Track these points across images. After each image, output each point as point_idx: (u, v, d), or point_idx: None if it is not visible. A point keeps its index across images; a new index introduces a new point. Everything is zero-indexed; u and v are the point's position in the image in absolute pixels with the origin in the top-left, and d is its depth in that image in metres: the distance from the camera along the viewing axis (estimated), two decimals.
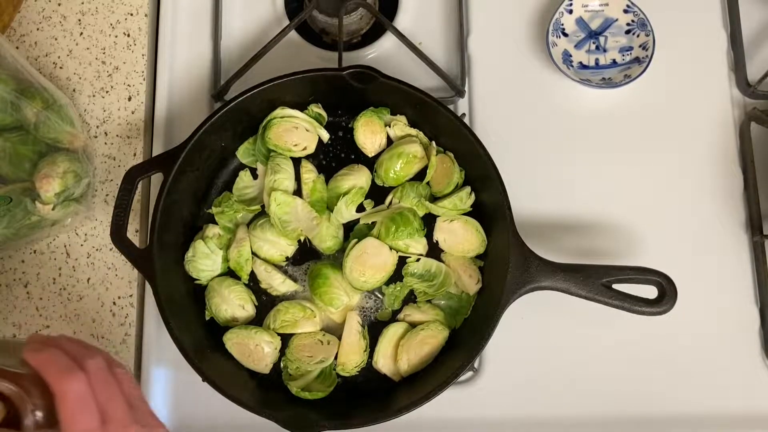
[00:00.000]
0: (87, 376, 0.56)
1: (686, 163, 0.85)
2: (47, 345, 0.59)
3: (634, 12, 0.87)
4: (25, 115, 0.78)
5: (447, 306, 0.79)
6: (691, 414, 0.78)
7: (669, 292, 0.70)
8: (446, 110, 0.77)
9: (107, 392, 0.57)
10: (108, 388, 0.58)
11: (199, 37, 0.90)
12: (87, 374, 0.56)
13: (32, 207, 0.77)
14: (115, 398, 0.58)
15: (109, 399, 0.57)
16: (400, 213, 0.78)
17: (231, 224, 0.81)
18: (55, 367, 0.56)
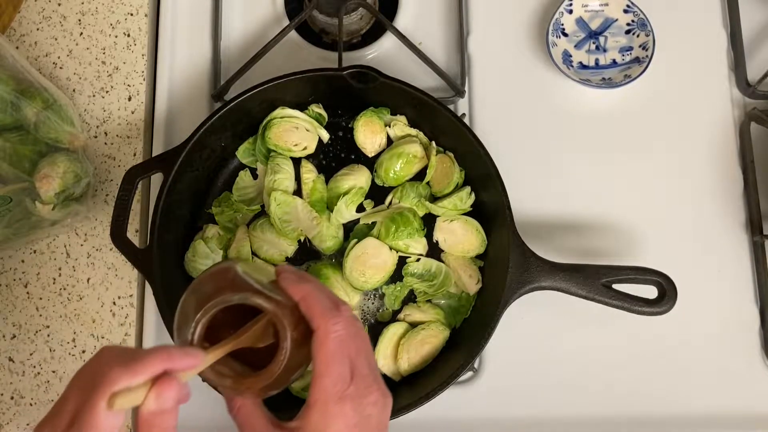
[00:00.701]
0: (345, 323, 0.54)
1: (686, 163, 0.85)
2: (303, 278, 0.57)
3: (634, 12, 0.87)
4: (25, 115, 0.78)
5: (447, 305, 0.79)
6: (691, 414, 0.78)
7: (669, 292, 0.70)
8: (446, 110, 0.77)
9: (356, 345, 0.55)
10: (356, 341, 0.56)
11: (199, 37, 0.90)
12: (345, 321, 0.54)
13: (32, 207, 0.77)
14: (360, 353, 0.56)
15: (357, 353, 0.55)
16: (400, 213, 0.78)
17: (231, 224, 0.81)
18: (320, 304, 0.55)
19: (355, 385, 0.54)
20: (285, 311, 0.54)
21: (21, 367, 0.81)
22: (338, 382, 0.53)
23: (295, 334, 0.54)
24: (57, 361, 0.81)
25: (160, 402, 0.48)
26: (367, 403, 0.54)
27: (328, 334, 0.53)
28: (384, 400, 0.56)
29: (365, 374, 0.55)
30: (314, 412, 0.53)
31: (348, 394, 0.53)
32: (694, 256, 0.82)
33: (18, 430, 0.80)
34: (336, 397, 0.53)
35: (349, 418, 0.53)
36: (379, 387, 0.56)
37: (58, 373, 0.81)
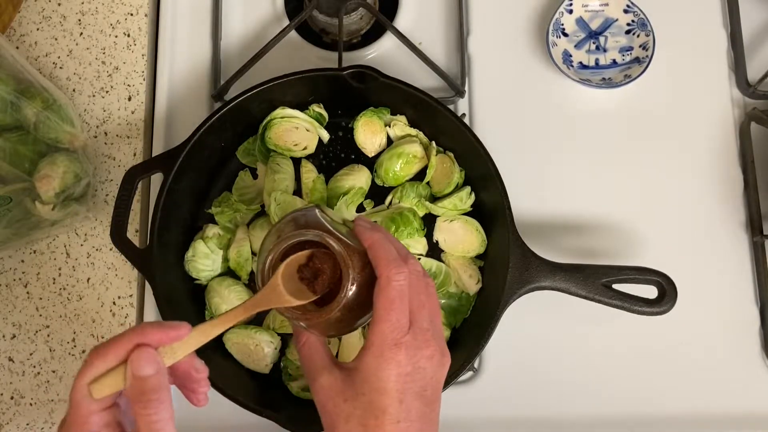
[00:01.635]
0: (409, 274, 0.56)
1: (686, 163, 0.85)
2: (376, 228, 0.59)
3: (634, 12, 0.87)
4: (25, 115, 0.78)
5: (447, 305, 0.79)
6: (691, 414, 0.78)
7: (669, 292, 0.70)
8: (446, 110, 0.77)
9: (419, 299, 0.57)
10: (420, 295, 0.57)
11: (199, 37, 0.90)
12: (409, 272, 0.56)
13: (32, 207, 0.77)
14: (423, 307, 0.57)
15: (420, 306, 0.56)
16: (400, 213, 0.78)
17: (231, 224, 0.81)
18: (386, 253, 0.56)
19: (413, 335, 0.55)
20: (353, 254, 0.57)
21: (21, 367, 0.81)
22: (395, 329, 0.54)
23: (359, 276, 0.57)
24: (57, 361, 0.81)
25: (136, 370, 0.48)
26: (422, 355, 0.55)
27: (390, 281, 0.55)
28: (441, 358, 0.56)
29: (425, 328, 0.56)
30: (369, 354, 0.54)
31: (404, 341, 0.54)
32: (694, 256, 0.82)
33: (18, 430, 0.80)
34: (392, 343, 0.54)
35: (402, 366, 0.54)
36: (438, 344, 0.57)
37: (58, 373, 0.81)
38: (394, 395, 0.53)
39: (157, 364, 0.48)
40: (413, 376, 0.54)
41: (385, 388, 0.53)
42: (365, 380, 0.54)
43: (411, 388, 0.54)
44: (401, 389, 0.54)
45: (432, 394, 0.56)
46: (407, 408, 0.54)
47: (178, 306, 0.76)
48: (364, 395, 0.54)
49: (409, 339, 0.55)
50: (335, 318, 0.58)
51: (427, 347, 0.55)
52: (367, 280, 0.57)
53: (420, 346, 0.55)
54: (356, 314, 0.59)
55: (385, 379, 0.53)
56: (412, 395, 0.54)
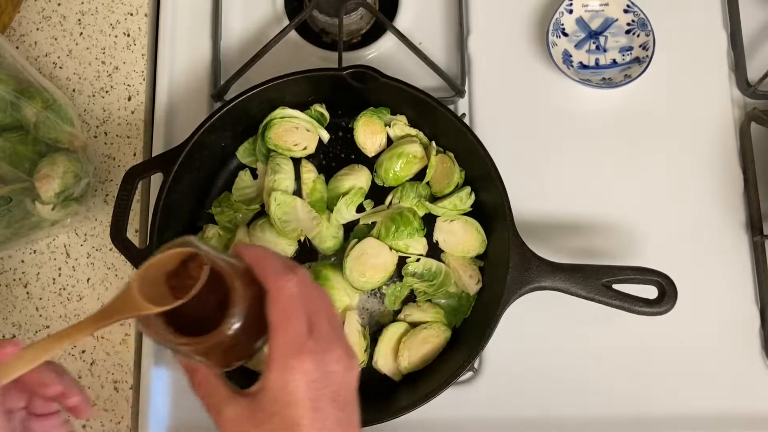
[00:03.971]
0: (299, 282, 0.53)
1: (686, 163, 0.85)
2: (258, 246, 0.57)
3: (634, 12, 0.87)
4: (25, 115, 0.78)
5: (447, 305, 0.79)
6: (691, 414, 0.78)
7: (669, 292, 0.70)
8: (446, 110, 0.77)
9: (314, 304, 0.54)
10: (314, 300, 0.54)
11: (199, 37, 0.90)
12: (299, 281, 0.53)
13: (32, 207, 0.77)
14: (320, 312, 0.54)
15: (317, 311, 0.54)
16: (400, 213, 0.78)
17: (231, 224, 0.81)
18: (272, 264, 0.54)
19: (315, 341, 0.52)
20: (236, 272, 0.53)
21: None
22: (295, 337, 0.52)
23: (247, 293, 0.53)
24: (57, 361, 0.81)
25: None
26: (329, 359, 0.52)
27: (280, 290, 0.52)
28: (348, 360, 0.54)
29: (326, 332, 0.53)
30: (273, 370, 0.51)
31: (307, 348, 0.51)
32: (694, 256, 0.82)
33: None
34: (293, 352, 0.51)
35: (309, 373, 0.51)
36: (343, 346, 0.54)
37: None
38: (306, 404, 0.51)
39: None
40: (323, 381, 0.52)
41: (296, 400, 0.50)
42: (274, 399, 0.51)
43: (324, 394, 0.51)
44: (313, 397, 0.51)
45: (345, 398, 0.53)
46: (323, 416, 0.51)
47: None
48: (276, 414, 0.51)
49: (312, 345, 0.52)
50: (228, 343, 0.54)
51: (333, 350, 0.53)
52: (256, 297, 0.54)
53: (325, 350, 0.52)
54: (251, 335, 0.55)
55: (294, 391, 0.51)
56: (326, 401, 0.51)
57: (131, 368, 0.81)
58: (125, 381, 0.80)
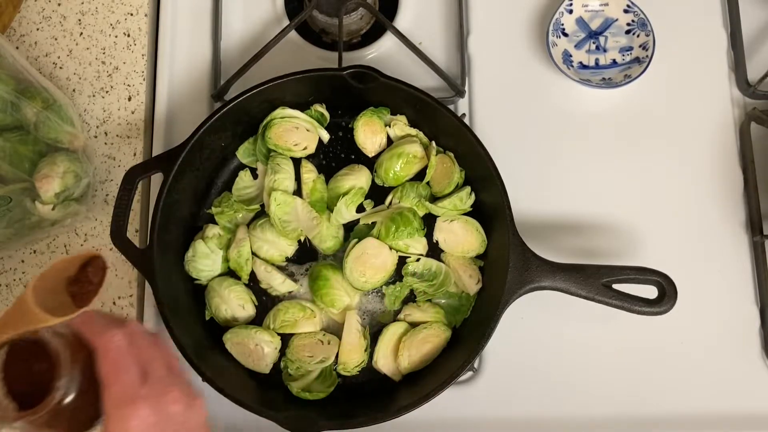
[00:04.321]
0: (127, 334, 0.55)
1: (686, 163, 0.85)
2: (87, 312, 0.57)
3: (634, 12, 0.87)
4: (25, 115, 0.78)
5: (447, 305, 0.79)
6: (691, 414, 0.78)
7: (669, 292, 0.70)
8: (446, 110, 0.77)
9: (148, 352, 0.56)
10: (147, 349, 0.57)
11: (199, 37, 0.90)
12: (127, 333, 0.55)
13: (32, 207, 0.77)
14: (155, 359, 0.57)
15: (151, 359, 0.56)
16: (400, 213, 0.78)
17: (231, 224, 0.81)
18: (96, 324, 0.55)
19: (150, 387, 0.54)
20: (64, 341, 0.54)
21: None
22: (127, 387, 0.54)
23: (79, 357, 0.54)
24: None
25: None
26: (166, 401, 0.54)
27: (107, 346, 0.54)
28: (188, 400, 0.56)
29: (161, 376, 0.56)
30: (109, 422, 0.53)
31: (141, 395, 0.54)
32: (694, 256, 0.82)
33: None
34: (128, 401, 0.53)
35: (145, 417, 0.53)
36: (181, 386, 0.56)
37: None
38: None
39: None
40: (162, 424, 0.54)
41: None
42: None
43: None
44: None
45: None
46: None
47: (178, 306, 0.76)
48: None
49: (146, 391, 0.54)
50: (71, 410, 0.54)
51: (170, 392, 0.55)
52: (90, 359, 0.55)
53: (161, 394, 0.54)
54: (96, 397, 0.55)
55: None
56: None
57: None
58: None
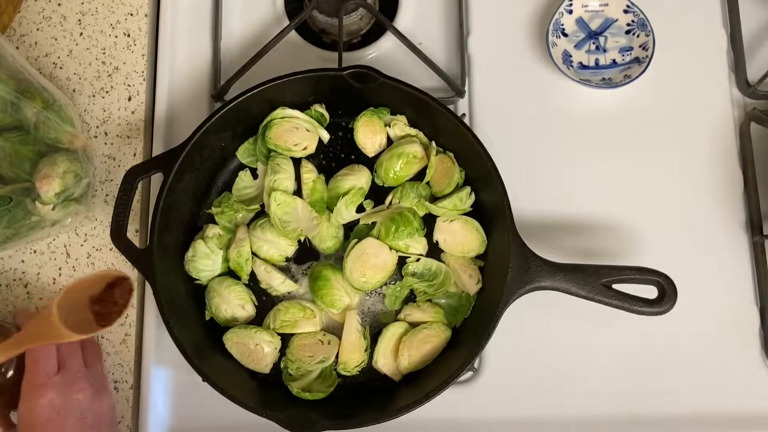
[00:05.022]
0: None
1: (686, 163, 0.85)
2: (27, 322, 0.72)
3: (634, 12, 0.87)
4: (25, 115, 0.78)
5: (447, 304, 0.79)
6: (691, 414, 0.78)
7: (669, 292, 0.70)
8: (446, 110, 0.77)
9: (70, 350, 0.68)
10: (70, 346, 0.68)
11: (199, 37, 0.90)
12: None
13: (32, 207, 0.77)
14: (74, 355, 0.68)
15: (71, 355, 0.68)
16: (400, 213, 0.78)
17: (231, 224, 0.81)
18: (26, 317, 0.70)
19: (61, 377, 0.65)
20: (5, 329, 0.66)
21: None
22: (40, 375, 0.64)
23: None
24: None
25: None
26: (73, 390, 0.65)
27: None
28: (94, 391, 0.67)
29: (74, 370, 0.67)
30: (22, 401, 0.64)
31: (52, 382, 0.64)
32: (694, 256, 0.82)
33: None
34: (39, 385, 0.64)
35: (52, 400, 0.63)
36: (90, 382, 0.68)
37: None
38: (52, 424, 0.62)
39: None
40: (67, 406, 0.64)
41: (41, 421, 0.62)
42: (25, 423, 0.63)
43: (69, 416, 0.64)
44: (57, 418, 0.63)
45: (93, 421, 0.66)
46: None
47: (178, 306, 0.76)
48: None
49: (58, 379, 0.65)
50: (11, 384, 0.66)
51: (77, 383, 0.66)
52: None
53: (69, 383, 0.65)
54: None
55: (39, 413, 0.62)
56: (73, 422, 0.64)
57: (131, 368, 0.81)
58: (125, 381, 0.80)
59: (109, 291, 0.59)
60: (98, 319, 0.58)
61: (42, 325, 0.57)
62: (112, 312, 0.58)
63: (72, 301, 0.56)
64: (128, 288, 0.57)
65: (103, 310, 0.59)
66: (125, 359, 0.81)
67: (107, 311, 0.58)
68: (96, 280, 0.57)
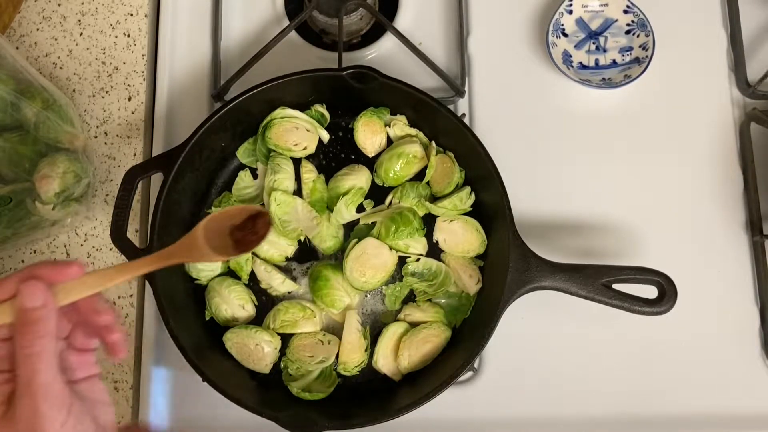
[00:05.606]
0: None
1: (686, 164, 0.85)
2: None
3: (634, 12, 0.87)
4: (25, 115, 0.78)
5: (447, 305, 0.79)
6: (691, 414, 0.78)
7: (669, 292, 0.70)
8: (446, 110, 0.77)
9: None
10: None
11: (199, 37, 0.90)
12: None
13: (32, 207, 0.77)
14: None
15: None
16: (400, 213, 0.78)
17: None
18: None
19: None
20: None
21: None
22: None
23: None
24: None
25: (21, 302, 0.47)
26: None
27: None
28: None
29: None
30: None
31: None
32: (694, 256, 0.82)
33: None
34: None
35: None
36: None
37: None
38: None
39: (43, 298, 0.48)
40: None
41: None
42: None
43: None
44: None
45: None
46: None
47: (178, 306, 0.76)
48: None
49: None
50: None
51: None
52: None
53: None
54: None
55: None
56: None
57: (131, 368, 0.81)
58: (125, 381, 0.80)
59: (250, 222, 0.59)
60: (236, 245, 0.58)
61: (187, 244, 0.56)
62: (250, 240, 0.58)
63: (215, 226, 0.57)
64: (268, 221, 0.58)
65: (241, 237, 0.59)
66: (125, 359, 0.81)
67: (245, 239, 0.59)
68: (238, 211, 0.59)
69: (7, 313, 0.48)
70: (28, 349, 0.46)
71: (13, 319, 0.48)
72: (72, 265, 0.50)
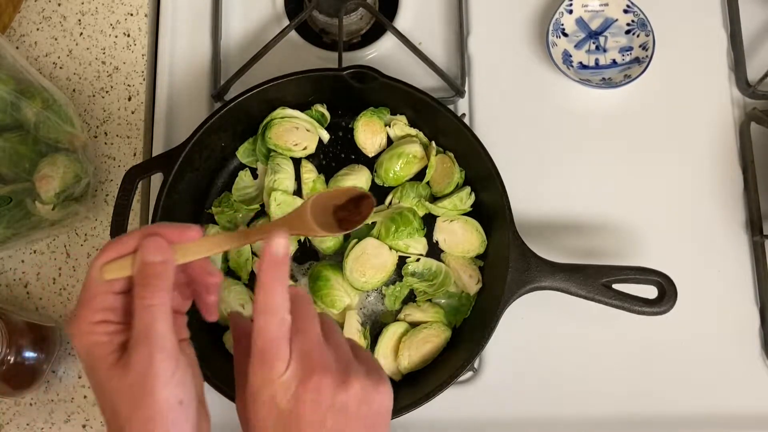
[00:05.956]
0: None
1: (686, 164, 0.85)
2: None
3: (634, 12, 0.87)
4: (25, 115, 0.78)
5: (447, 305, 0.79)
6: (691, 414, 0.78)
7: (669, 292, 0.70)
8: (446, 110, 0.77)
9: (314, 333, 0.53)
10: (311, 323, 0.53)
11: (199, 37, 0.90)
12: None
13: (32, 207, 0.77)
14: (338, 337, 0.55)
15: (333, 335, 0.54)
16: (400, 213, 0.78)
17: (231, 224, 0.81)
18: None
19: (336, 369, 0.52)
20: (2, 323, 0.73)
21: None
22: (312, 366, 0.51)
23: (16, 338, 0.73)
24: (57, 361, 0.81)
25: (144, 256, 0.49)
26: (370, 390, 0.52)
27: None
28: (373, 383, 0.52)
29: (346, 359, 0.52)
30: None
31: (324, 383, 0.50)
32: (694, 256, 0.82)
33: (18, 430, 0.80)
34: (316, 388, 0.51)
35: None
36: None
37: (58, 374, 0.81)
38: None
39: (165, 254, 0.50)
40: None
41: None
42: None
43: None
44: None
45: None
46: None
47: None
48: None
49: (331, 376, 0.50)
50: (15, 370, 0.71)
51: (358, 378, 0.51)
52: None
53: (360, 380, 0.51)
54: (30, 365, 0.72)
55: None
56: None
57: None
58: None
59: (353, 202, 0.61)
60: (340, 224, 0.59)
61: (294, 218, 0.57)
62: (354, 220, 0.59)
63: (321, 203, 0.58)
64: (371, 204, 0.60)
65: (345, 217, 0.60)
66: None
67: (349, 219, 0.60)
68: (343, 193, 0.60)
69: (127, 267, 0.49)
70: (148, 299, 0.48)
71: (132, 273, 0.49)
72: (192, 227, 0.52)
